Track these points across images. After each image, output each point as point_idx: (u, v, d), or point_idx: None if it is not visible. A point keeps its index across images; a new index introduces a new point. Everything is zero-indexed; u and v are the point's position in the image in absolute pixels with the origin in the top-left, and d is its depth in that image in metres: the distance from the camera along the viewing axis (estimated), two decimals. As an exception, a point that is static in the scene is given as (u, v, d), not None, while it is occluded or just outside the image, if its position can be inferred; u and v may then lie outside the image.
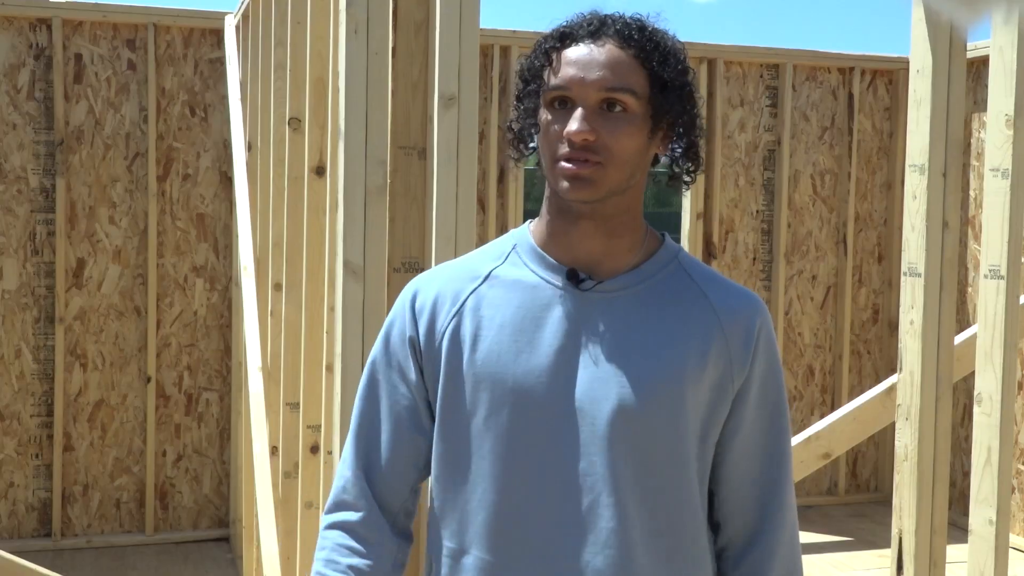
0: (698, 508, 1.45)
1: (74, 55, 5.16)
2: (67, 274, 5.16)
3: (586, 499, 1.40)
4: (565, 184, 1.39)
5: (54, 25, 5.06)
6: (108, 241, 5.22)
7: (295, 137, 3.24)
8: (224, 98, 5.27)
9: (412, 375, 1.50)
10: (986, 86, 2.99)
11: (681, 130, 1.45)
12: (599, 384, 1.41)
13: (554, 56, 1.43)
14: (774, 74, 6.07)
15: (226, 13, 5.19)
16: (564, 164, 1.39)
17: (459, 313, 1.48)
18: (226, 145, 5.28)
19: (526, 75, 1.47)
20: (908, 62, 2.45)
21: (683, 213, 5.98)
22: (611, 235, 1.45)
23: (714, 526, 1.51)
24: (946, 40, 2.38)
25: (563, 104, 1.41)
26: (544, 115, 1.43)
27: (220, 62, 5.29)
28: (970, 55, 4.79)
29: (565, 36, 1.43)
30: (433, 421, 1.50)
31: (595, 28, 1.42)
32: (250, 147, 4.25)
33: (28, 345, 5.13)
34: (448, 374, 1.47)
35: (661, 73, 1.40)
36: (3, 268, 5.08)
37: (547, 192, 1.47)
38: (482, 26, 2.15)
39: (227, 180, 5.31)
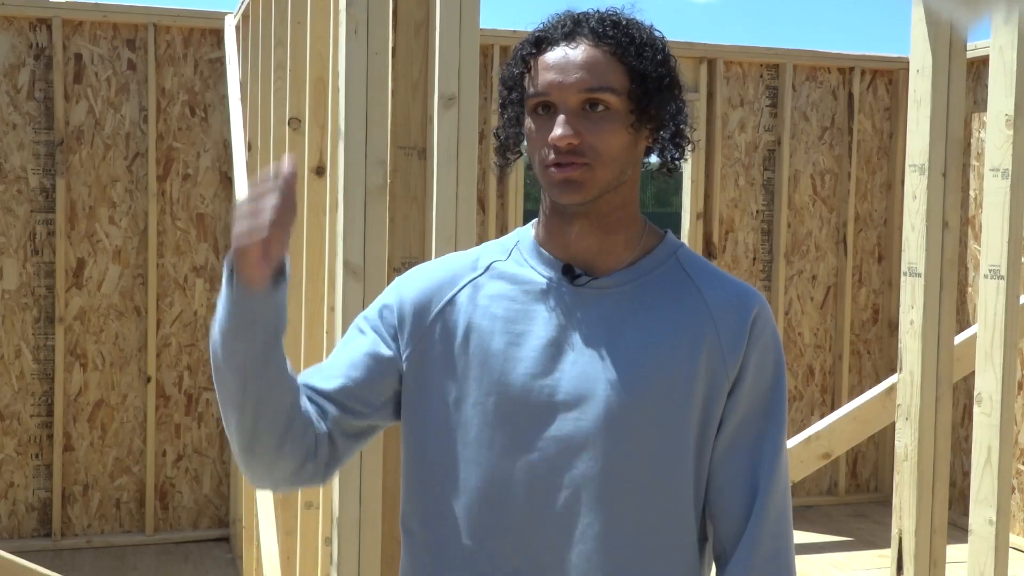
0: (691, 509, 1.43)
1: (74, 55, 5.16)
2: (67, 274, 5.16)
3: (566, 493, 1.39)
4: (556, 189, 1.40)
5: (54, 25, 5.06)
6: (108, 241, 5.22)
7: (295, 137, 3.24)
8: (224, 98, 5.27)
9: (383, 336, 1.49)
10: (986, 86, 2.99)
11: (666, 119, 1.45)
12: (586, 379, 1.40)
13: (532, 62, 1.43)
14: (774, 74, 6.07)
15: (226, 13, 5.19)
16: (553, 170, 1.40)
17: (453, 299, 1.48)
18: (226, 145, 5.28)
19: (507, 83, 1.47)
20: (908, 62, 2.45)
21: (683, 213, 5.97)
22: (607, 232, 1.45)
23: (711, 527, 1.48)
24: (946, 40, 2.38)
25: (546, 109, 1.41)
26: (529, 122, 1.43)
27: (220, 62, 5.29)
28: (970, 55, 4.79)
29: (541, 41, 1.43)
30: (396, 380, 1.48)
31: (569, 29, 1.42)
32: (250, 147, 4.25)
33: (28, 345, 5.13)
34: (437, 357, 1.46)
35: (639, 66, 1.40)
36: (3, 268, 5.08)
37: (543, 192, 1.47)
38: (482, 26, 2.15)
39: (227, 180, 5.31)
